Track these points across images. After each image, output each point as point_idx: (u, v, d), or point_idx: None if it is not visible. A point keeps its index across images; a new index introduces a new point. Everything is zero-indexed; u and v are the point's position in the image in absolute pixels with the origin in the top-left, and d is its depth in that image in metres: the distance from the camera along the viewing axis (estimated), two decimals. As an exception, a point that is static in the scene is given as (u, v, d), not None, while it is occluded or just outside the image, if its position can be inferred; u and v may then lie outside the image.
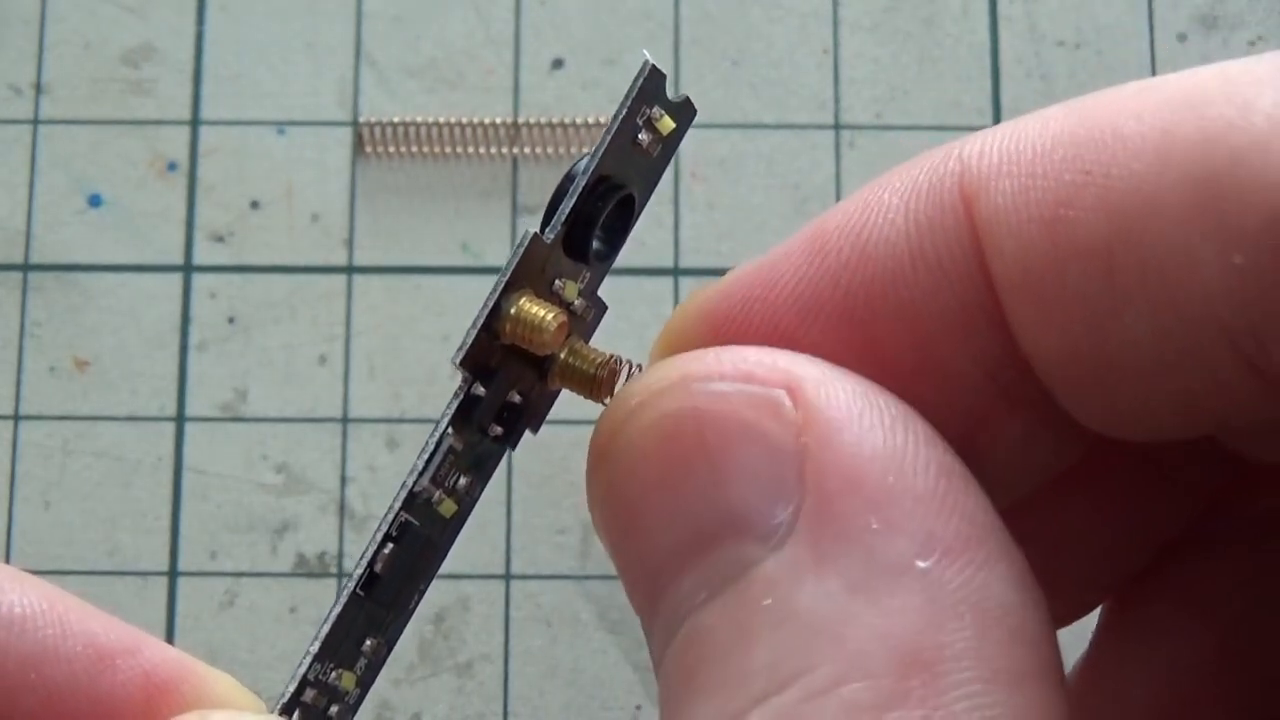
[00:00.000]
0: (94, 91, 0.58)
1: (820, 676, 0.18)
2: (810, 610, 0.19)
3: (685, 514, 0.20)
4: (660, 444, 0.20)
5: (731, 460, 0.20)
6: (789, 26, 0.59)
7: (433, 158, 0.57)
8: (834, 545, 0.19)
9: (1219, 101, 0.19)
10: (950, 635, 0.18)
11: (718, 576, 0.20)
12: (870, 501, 0.19)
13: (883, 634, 0.18)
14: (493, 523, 0.55)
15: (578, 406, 0.59)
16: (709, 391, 0.20)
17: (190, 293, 0.57)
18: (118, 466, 0.55)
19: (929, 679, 0.18)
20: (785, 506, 0.19)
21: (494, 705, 0.53)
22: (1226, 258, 0.19)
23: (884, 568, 0.19)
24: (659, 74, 0.25)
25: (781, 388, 0.20)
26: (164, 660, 0.25)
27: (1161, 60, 0.58)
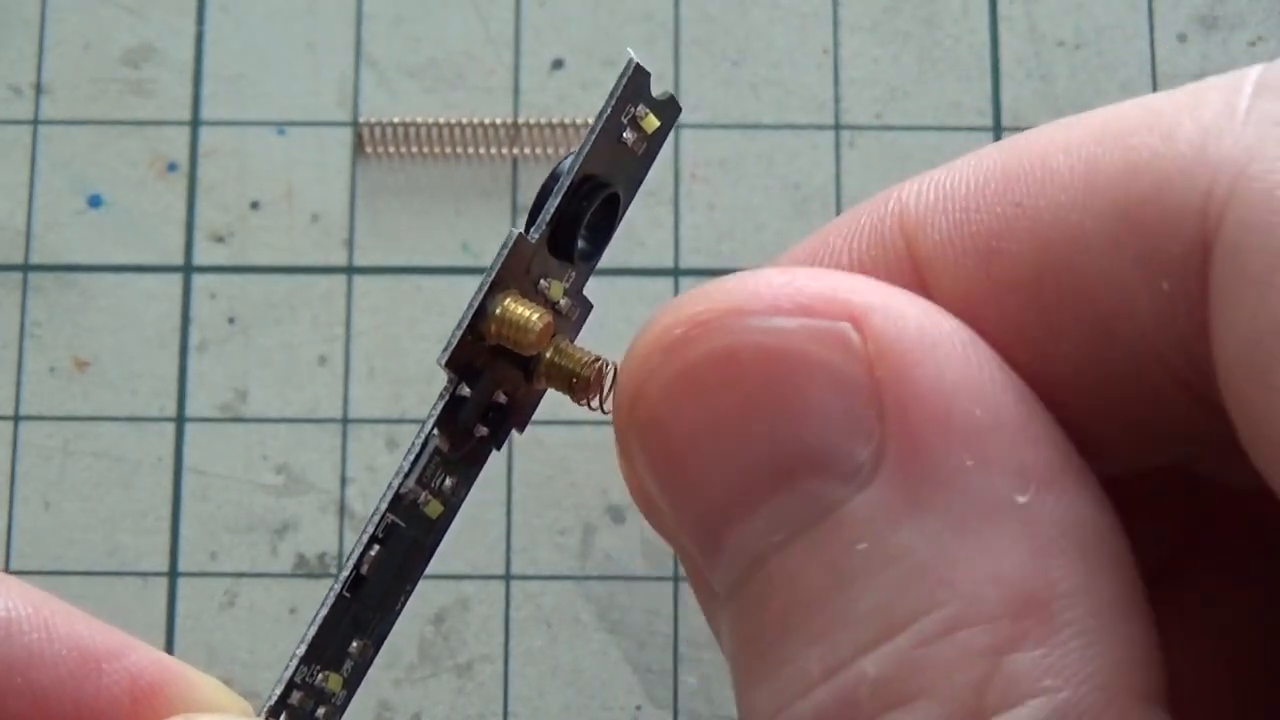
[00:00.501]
0: (94, 91, 0.58)
1: (934, 621, 0.18)
2: (913, 553, 0.18)
3: (751, 451, 0.19)
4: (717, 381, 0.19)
5: (801, 397, 0.19)
6: (789, 26, 0.59)
7: (433, 158, 0.57)
8: (929, 485, 0.19)
9: (1142, 131, 0.20)
10: (1058, 572, 0.18)
11: (797, 516, 0.19)
12: (961, 437, 0.19)
13: (993, 575, 0.18)
14: (493, 523, 0.55)
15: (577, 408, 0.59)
16: (766, 328, 0.19)
17: (190, 293, 0.57)
18: (118, 466, 0.55)
19: (1043, 618, 0.18)
20: (865, 443, 0.19)
21: (494, 705, 0.53)
22: (1155, 284, 0.19)
23: (984, 506, 0.18)
24: (643, 72, 0.25)
25: (845, 319, 0.19)
26: (150, 663, 0.25)
27: (1161, 60, 0.58)
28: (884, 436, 0.19)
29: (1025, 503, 0.19)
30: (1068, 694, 0.18)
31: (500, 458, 0.55)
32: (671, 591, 0.54)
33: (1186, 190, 0.19)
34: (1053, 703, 0.18)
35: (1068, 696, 0.18)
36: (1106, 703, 0.18)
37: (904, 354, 0.19)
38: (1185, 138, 0.19)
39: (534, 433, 0.55)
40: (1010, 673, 0.18)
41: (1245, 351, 0.18)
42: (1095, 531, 0.19)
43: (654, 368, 0.20)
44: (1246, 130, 0.19)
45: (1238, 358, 0.18)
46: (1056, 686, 0.18)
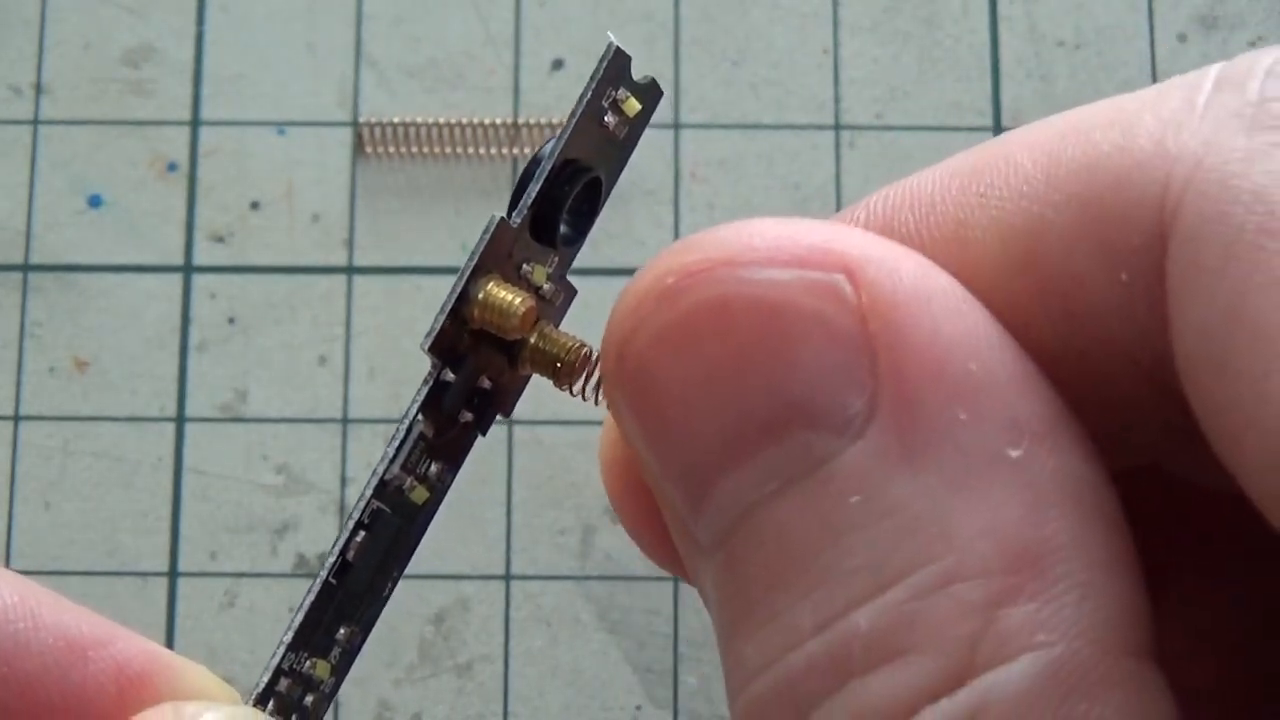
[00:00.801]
0: (94, 91, 0.58)
1: (928, 574, 0.18)
2: (907, 506, 0.18)
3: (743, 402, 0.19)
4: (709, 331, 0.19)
5: (794, 348, 0.19)
6: (789, 26, 0.59)
7: (433, 158, 0.57)
8: (923, 438, 0.18)
9: (1103, 127, 0.20)
10: (1051, 526, 0.18)
11: (789, 467, 0.19)
12: (955, 390, 0.19)
13: (987, 529, 0.18)
14: (493, 523, 0.55)
15: (578, 408, 0.59)
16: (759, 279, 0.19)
17: (190, 293, 0.57)
18: (118, 467, 0.55)
19: (1037, 572, 0.18)
20: (858, 396, 0.19)
21: (494, 705, 0.53)
22: (1114, 276, 0.19)
23: (979, 459, 0.18)
24: (624, 56, 0.25)
25: (839, 271, 0.19)
26: (137, 652, 0.25)
27: (1161, 60, 0.58)
28: (877, 389, 0.19)
29: (1018, 457, 0.19)
30: (1060, 649, 0.18)
31: (500, 458, 0.55)
32: (671, 591, 0.54)
33: (1145, 183, 0.19)
34: (1045, 658, 0.18)
35: (1060, 652, 0.18)
36: (1099, 657, 0.18)
37: (897, 307, 0.19)
38: (1145, 132, 0.19)
39: (534, 433, 0.55)
40: (1003, 627, 0.18)
41: (1201, 342, 0.18)
42: (1088, 486, 0.19)
43: (644, 316, 0.20)
44: (1204, 124, 0.19)
45: (1194, 348, 0.18)
46: (1050, 641, 0.18)
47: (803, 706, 0.19)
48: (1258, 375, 0.17)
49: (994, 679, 0.18)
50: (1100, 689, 0.18)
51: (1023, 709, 0.17)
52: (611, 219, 0.56)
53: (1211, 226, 0.18)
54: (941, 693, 0.18)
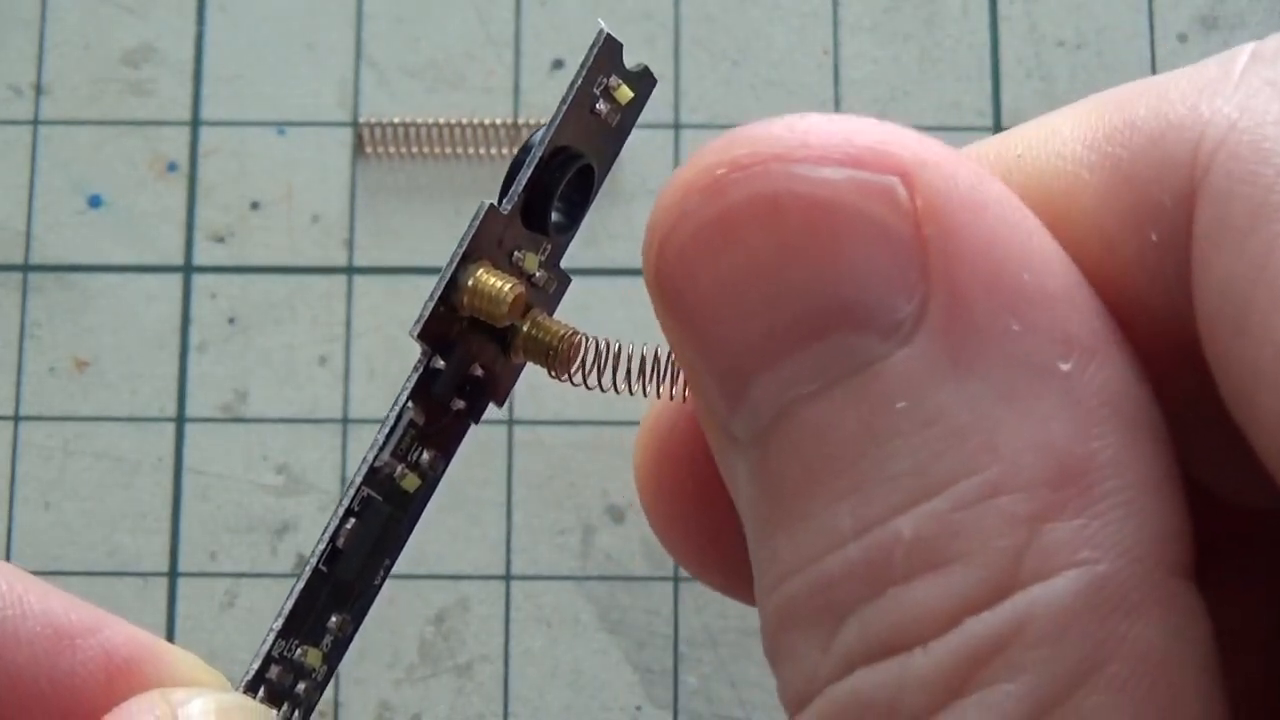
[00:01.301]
0: (94, 92, 0.58)
1: (974, 485, 0.18)
2: (954, 415, 0.18)
3: (788, 299, 0.19)
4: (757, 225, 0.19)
5: (844, 249, 0.19)
6: (789, 26, 0.59)
7: (433, 158, 0.57)
8: (973, 346, 0.18)
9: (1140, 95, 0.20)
10: (1098, 441, 0.18)
11: (832, 367, 0.19)
12: (1008, 300, 0.18)
13: (1035, 442, 0.18)
14: (493, 523, 0.55)
15: (578, 408, 0.59)
16: (812, 177, 0.19)
17: (190, 293, 0.57)
18: (118, 467, 0.55)
19: (1083, 488, 0.18)
20: (908, 300, 0.18)
21: (494, 705, 0.53)
22: (1144, 236, 0.19)
23: (1029, 371, 0.18)
24: (615, 43, 0.25)
25: (894, 174, 0.19)
26: (125, 639, 0.25)
27: (1162, 60, 0.58)
28: (928, 294, 0.18)
29: (1068, 370, 0.18)
30: (1104, 567, 0.17)
31: (500, 458, 0.55)
32: (671, 591, 0.54)
33: (1177, 143, 0.19)
34: (1089, 575, 0.17)
35: (1104, 569, 0.17)
36: (1142, 576, 0.18)
37: (953, 213, 0.19)
38: (1180, 97, 0.19)
39: (534, 432, 0.55)
40: (1048, 542, 0.18)
41: (1222, 300, 0.18)
42: (1135, 403, 0.19)
43: (690, 208, 0.20)
44: (1238, 91, 0.19)
45: (1215, 307, 0.18)
46: (1093, 559, 0.17)
47: (839, 610, 0.18)
48: (1276, 335, 0.17)
49: (1037, 594, 0.17)
50: (1142, 608, 0.17)
51: (1064, 625, 0.17)
52: (612, 219, 0.56)
53: (1240, 186, 0.18)
54: (983, 605, 0.18)
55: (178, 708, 0.23)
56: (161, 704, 0.24)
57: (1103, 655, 0.17)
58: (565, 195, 0.25)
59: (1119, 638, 0.17)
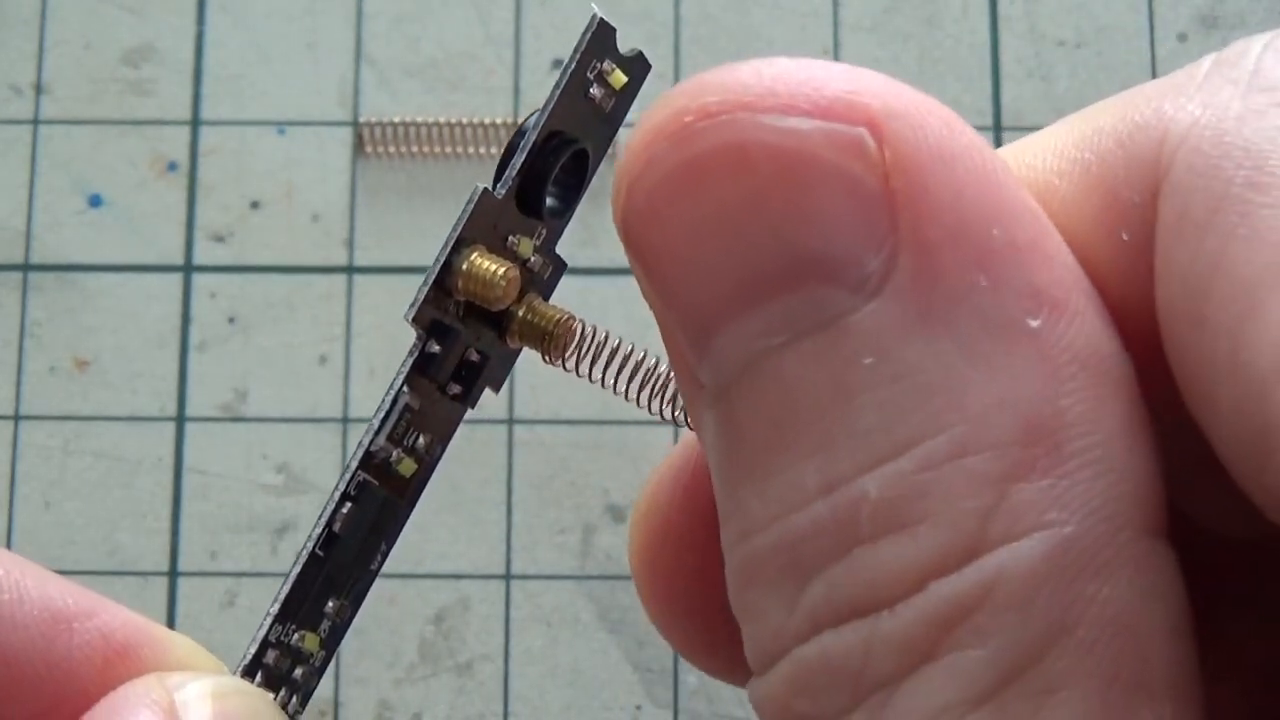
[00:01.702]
0: (94, 91, 0.58)
1: (941, 444, 0.18)
2: (921, 371, 0.18)
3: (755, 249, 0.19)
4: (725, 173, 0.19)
5: (812, 199, 0.18)
6: (789, 26, 0.59)
7: (433, 158, 0.57)
8: (941, 302, 0.18)
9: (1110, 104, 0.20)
10: (1068, 399, 0.18)
11: (800, 320, 0.18)
12: (977, 255, 0.18)
13: (1003, 400, 0.18)
14: (493, 523, 0.55)
15: (578, 408, 0.59)
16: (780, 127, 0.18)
17: (190, 293, 0.57)
18: (118, 466, 0.55)
19: (1052, 447, 0.17)
20: (876, 254, 0.18)
21: (494, 705, 0.53)
22: (1116, 236, 0.19)
23: (998, 327, 0.18)
24: (608, 27, 0.25)
25: (863, 125, 0.18)
26: (122, 623, 0.25)
27: (1161, 60, 0.58)
28: (896, 247, 0.18)
29: (1038, 326, 0.18)
30: (1072, 528, 0.17)
31: (500, 458, 0.55)
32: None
33: (1144, 143, 0.19)
34: (1056, 536, 0.17)
35: (1072, 531, 0.17)
36: (1110, 536, 0.17)
37: (921, 166, 0.18)
38: (1145, 99, 0.19)
39: (534, 432, 0.55)
40: (1016, 502, 0.17)
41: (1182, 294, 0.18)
42: (1106, 359, 0.18)
43: (657, 155, 0.19)
44: (1202, 89, 0.19)
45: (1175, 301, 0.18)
46: (1061, 520, 0.17)
47: (805, 569, 0.18)
48: (1232, 327, 0.17)
49: (1004, 556, 0.17)
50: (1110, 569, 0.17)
51: (1032, 588, 0.17)
52: (611, 219, 0.56)
53: (1201, 180, 0.18)
54: (950, 567, 0.17)
55: (174, 692, 0.23)
56: (158, 688, 0.24)
57: (1071, 618, 0.17)
58: (560, 180, 0.25)
59: (1087, 599, 0.17)
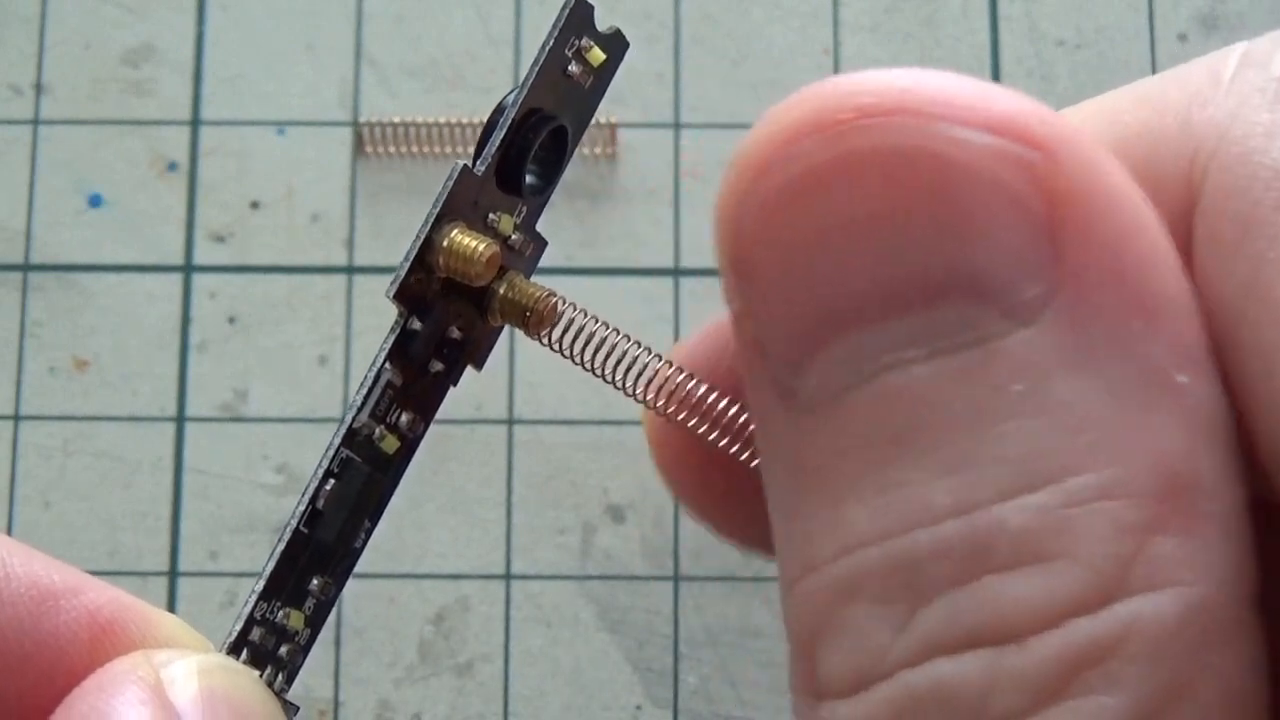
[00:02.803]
0: (94, 91, 0.58)
1: (1085, 483, 0.17)
2: (1073, 407, 0.17)
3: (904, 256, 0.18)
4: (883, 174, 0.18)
5: (976, 215, 0.18)
6: (789, 26, 0.59)
7: (433, 158, 0.57)
8: (1098, 341, 0.18)
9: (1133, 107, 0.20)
10: (1205, 460, 0.18)
11: (944, 336, 0.18)
12: (1137, 300, 0.18)
13: (1149, 450, 0.17)
14: (493, 523, 0.55)
15: (578, 407, 0.59)
16: (952, 137, 0.18)
17: (190, 293, 0.57)
18: (118, 466, 0.55)
19: (1187, 505, 0.17)
20: (1036, 281, 0.18)
21: (494, 705, 0.53)
22: None
23: (1149, 377, 0.18)
24: (586, 5, 0.25)
25: (1038, 149, 0.18)
26: (108, 600, 0.25)
27: (1162, 60, 0.58)
28: (1059, 278, 0.18)
29: (1185, 383, 0.18)
30: (1203, 589, 0.17)
31: (500, 458, 0.55)
32: (671, 591, 0.54)
33: (1171, 158, 0.19)
34: (1190, 595, 0.17)
35: (1200, 591, 0.17)
36: (1232, 605, 0.17)
37: (1091, 200, 0.18)
38: (1171, 109, 0.19)
39: (534, 432, 0.55)
40: (1154, 554, 0.17)
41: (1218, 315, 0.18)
42: (1230, 426, 0.18)
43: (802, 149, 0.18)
44: (1228, 98, 0.19)
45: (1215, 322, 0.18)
46: (1192, 579, 0.17)
47: (923, 590, 0.18)
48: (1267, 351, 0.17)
49: (1141, 606, 0.17)
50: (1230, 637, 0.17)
51: (1165, 643, 0.17)
52: (612, 219, 0.56)
53: (1231, 201, 0.18)
54: (1088, 608, 0.17)
55: (161, 669, 0.23)
56: (145, 665, 0.24)
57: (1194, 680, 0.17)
58: (539, 157, 0.25)
59: (1209, 664, 0.17)
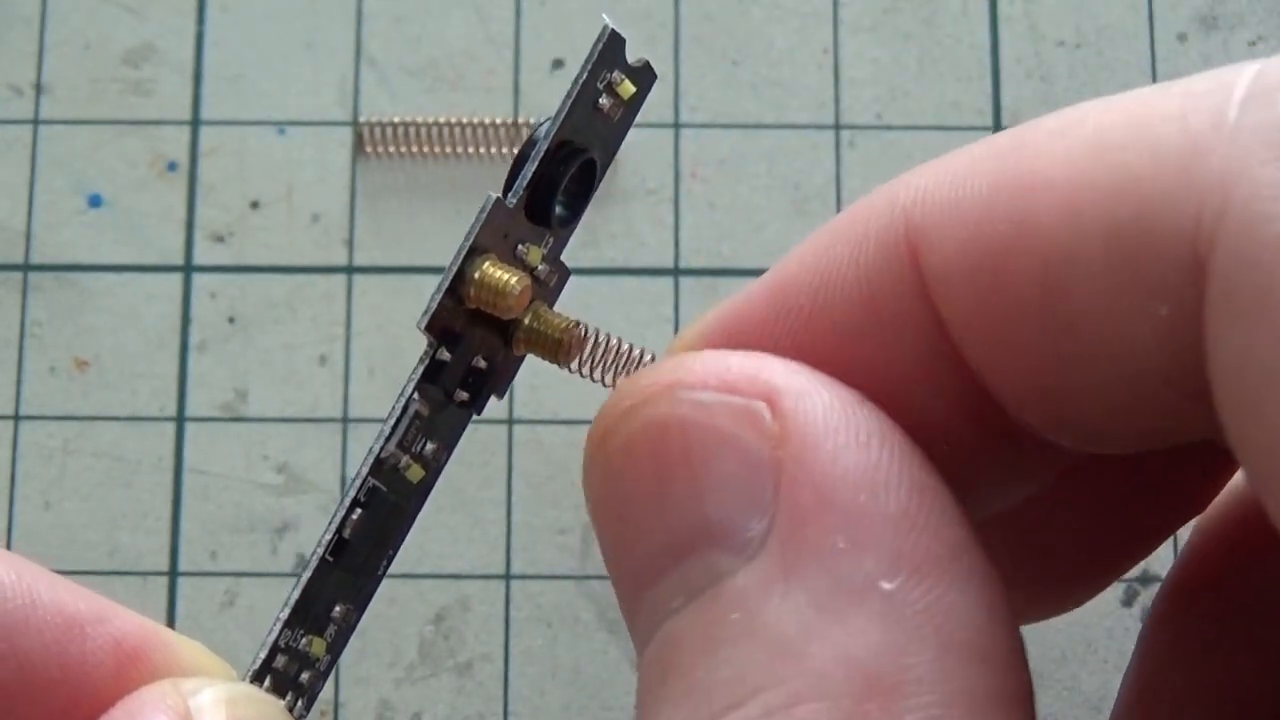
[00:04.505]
0: (94, 91, 0.58)
1: (779, 694, 0.19)
2: (774, 626, 0.19)
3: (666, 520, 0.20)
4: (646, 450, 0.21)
5: (711, 470, 0.20)
6: (789, 26, 0.59)
7: (433, 158, 0.57)
8: (802, 562, 0.19)
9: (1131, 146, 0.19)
10: (912, 658, 0.19)
11: (692, 584, 0.20)
12: (840, 520, 0.19)
13: (843, 654, 0.19)
14: (493, 523, 0.55)
15: (578, 407, 0.59)
16: (693, 400, 0.20)
17: (190, 293, 0.57)
18: (118, 466, 0.55)
19: (887, 701, 0.18)
20: (760, 519, 0.20)
21: (494, 705, 0.53)
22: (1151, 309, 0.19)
23: (848, 587, 0.19)
24: (618, 38, 0.25)
25: (761, 399, 0.20)
26: (134, 628, 0.25)
27: (1161, 60, 0.58)
28: (775, 513, 0.19)
29: (891, 589, 0.19)
30: None
31: (500, 458, 0.55)
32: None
33: (1175, 215, 0.19)
34: None
35: None
36: None
37: (805, 436, 0.20)
38: (1173, 154, 0.19)
39: (534, 432, 0.55)
40: None
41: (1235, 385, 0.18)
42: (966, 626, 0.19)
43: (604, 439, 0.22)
44: (1233, 146, 0.18)
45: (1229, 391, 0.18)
46: None
47: None
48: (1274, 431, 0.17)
49: None
50: None
51: None
52: (612, 219, 0.56)
53: (1244, 271, 0.18)
54: None
55: (189, 698, 0.24)
56: (173, 694, 0.24)
57: None
58: (568, 189, 0.25)
59: None
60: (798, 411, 0.20)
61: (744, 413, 0.20)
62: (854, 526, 0.19)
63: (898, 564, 0.19)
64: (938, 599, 0.19)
